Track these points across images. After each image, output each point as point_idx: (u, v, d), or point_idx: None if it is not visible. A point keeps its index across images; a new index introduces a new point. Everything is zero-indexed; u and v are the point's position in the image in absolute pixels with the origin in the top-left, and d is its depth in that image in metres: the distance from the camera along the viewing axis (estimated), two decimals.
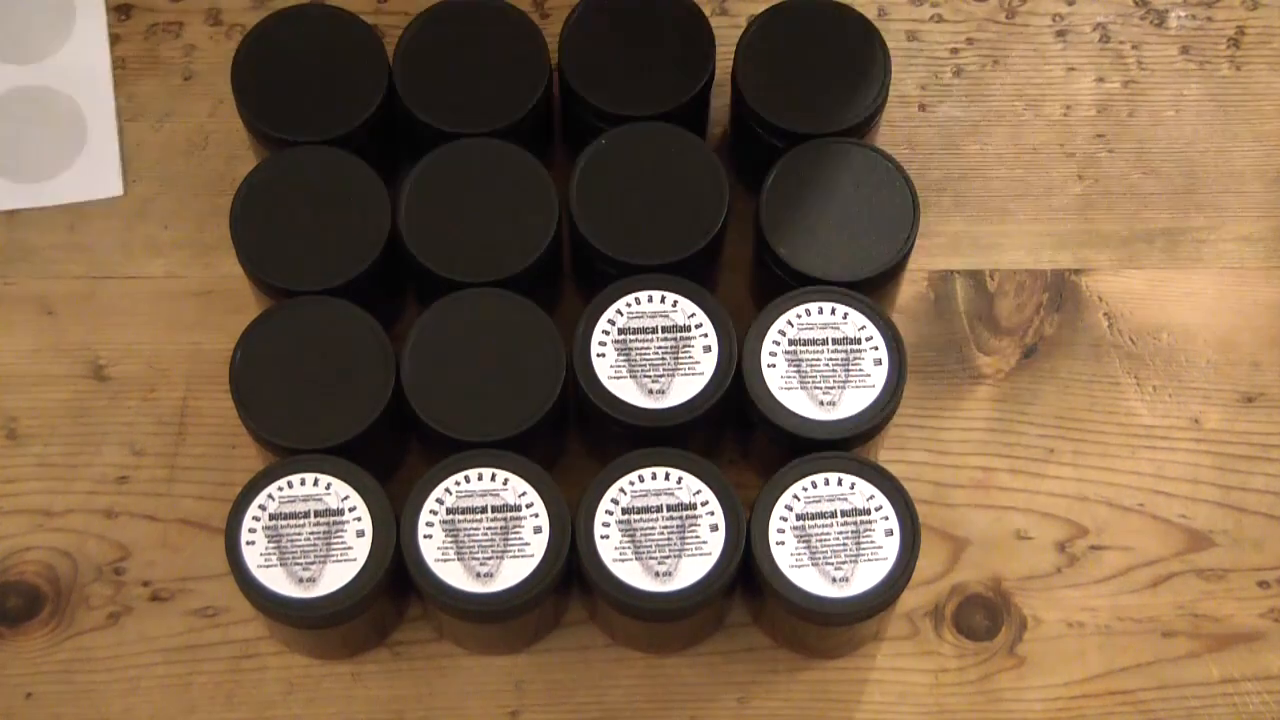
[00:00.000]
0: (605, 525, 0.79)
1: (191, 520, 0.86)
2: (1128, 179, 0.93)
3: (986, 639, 0.85)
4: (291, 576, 0.78)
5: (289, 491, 0.79)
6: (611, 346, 0.81)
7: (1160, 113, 0.94)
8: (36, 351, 0.88)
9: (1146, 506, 0.87)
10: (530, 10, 0.93)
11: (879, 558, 0.79)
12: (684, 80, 0.85)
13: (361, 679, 0.84)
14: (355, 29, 0.86)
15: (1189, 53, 0.95)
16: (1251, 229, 0.92)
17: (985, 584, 0.86)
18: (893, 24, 0.95)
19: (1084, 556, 0.86)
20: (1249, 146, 0.94)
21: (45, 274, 0.90)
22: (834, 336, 0.82)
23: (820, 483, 0.80)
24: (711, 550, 0.79)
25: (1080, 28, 0.95)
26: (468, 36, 0.86)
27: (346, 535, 0.78)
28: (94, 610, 0.85)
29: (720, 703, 0.84)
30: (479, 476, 0.79)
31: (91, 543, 0.86)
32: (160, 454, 0.87)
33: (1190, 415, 0.89)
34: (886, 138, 0.92)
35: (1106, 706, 0.84)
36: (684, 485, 0.79)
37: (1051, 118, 0.94)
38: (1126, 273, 0.91)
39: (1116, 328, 0.90)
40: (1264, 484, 0.88)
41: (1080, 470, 0.88)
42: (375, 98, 0.85)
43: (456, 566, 0.78)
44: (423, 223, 0.83)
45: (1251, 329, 0.90)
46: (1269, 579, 0.87)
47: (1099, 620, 0.86)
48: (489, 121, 0.85)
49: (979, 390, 0.89)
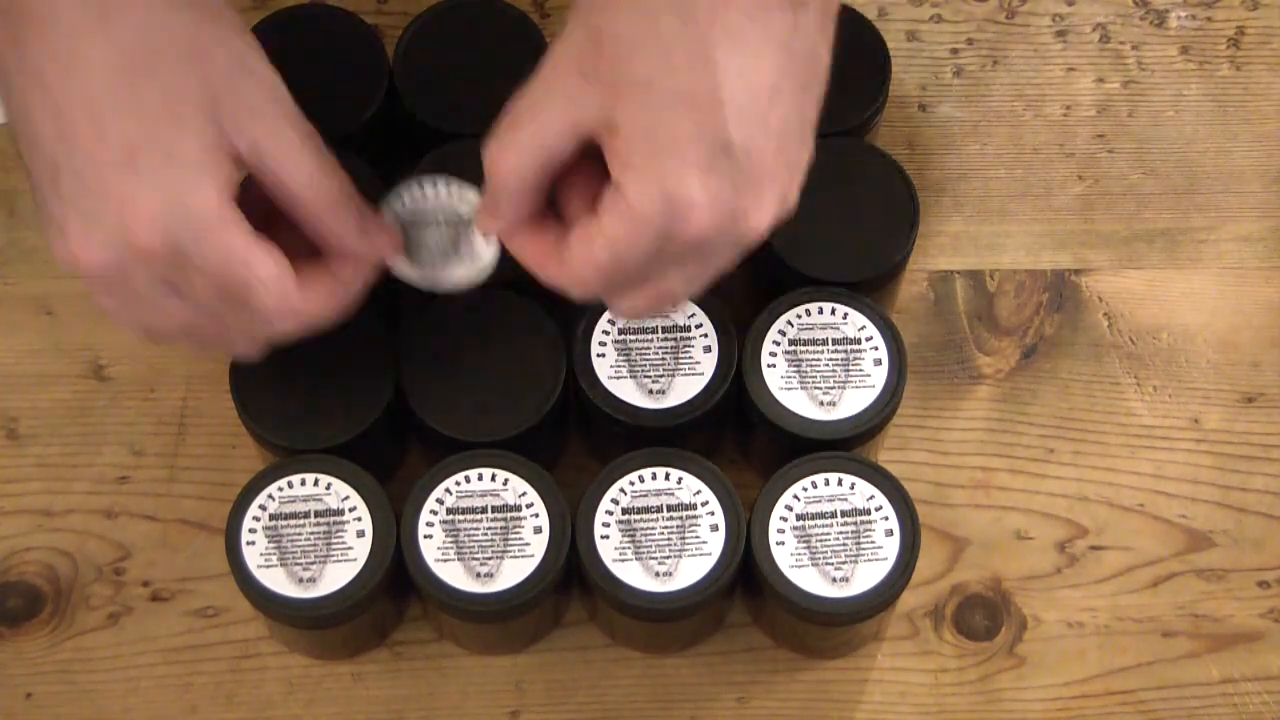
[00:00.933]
0: (605, 525, 0.79)
1: (191, 520, 0.86)
2: (1128, 179, 0.93)
3: (986, 639, 0.85)
4: (292, 576, 0.78)
5: (289, 491, 0.79)
6: (611, 346, 0.81)
7: (1160, 113, 0.94)
8: (36, 351, 0.88)
9: (1146, 506, 0.87)
10: (530, 10, 0.93)
11: (879, 558, 0.79)
12: None
13: (361, 679, 0.84)
14: (355, 29, 0.86)
15: (1189, 53, 0.95)
16: (1251, 229, 0.92)
17: (985, 584, 0.86)
18: (893, 24, 0.95)
19: (1084, 556, 0.86)
20: (1249, 146, 0.94)
21: (45, 274, 0.90)
22: (834, 336, 0.82)
23: (820, 483, 0.80)
24: (711, 550, 0.79)
25: (1080, 28, 0.95)
26: (468, 36, 0.86)
27: (346, 535, 0.78)
28: (94, 610, 0.85)
29: (720, 703, 0.84)
30: (479, 476, 0.79)
31: (91, 543, 0.86)
32: (160, 454, 0.87)
33: (1190, 415, 0.89)
34: (886, 138, 0.92)
35: (1106, 706, 0.84)
36: (684, 485, 0.79)
37: (1051, 118, 0.94)
38: (1126, 273, 0.91)
39: (1116, 328, 0.90)
40: (1264, 484, 0.88)
41: (1080, 470, 0.88)
42: (375, 98, 0.85)
43: (456, 566, 0.78)
44: None
45: (1251, 329, 0.90)
46: (1269, 579, 0.87)
47: (1099, 620, 0.86)
48: (489, 121, 0.84)
49: (979, 390, 0.89)
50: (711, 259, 0.70)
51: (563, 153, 0.69)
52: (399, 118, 0.86)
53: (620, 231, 0.68)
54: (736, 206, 0.68)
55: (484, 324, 0.81)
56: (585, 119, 0.68)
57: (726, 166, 0.67)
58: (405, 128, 0.86)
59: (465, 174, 0.83)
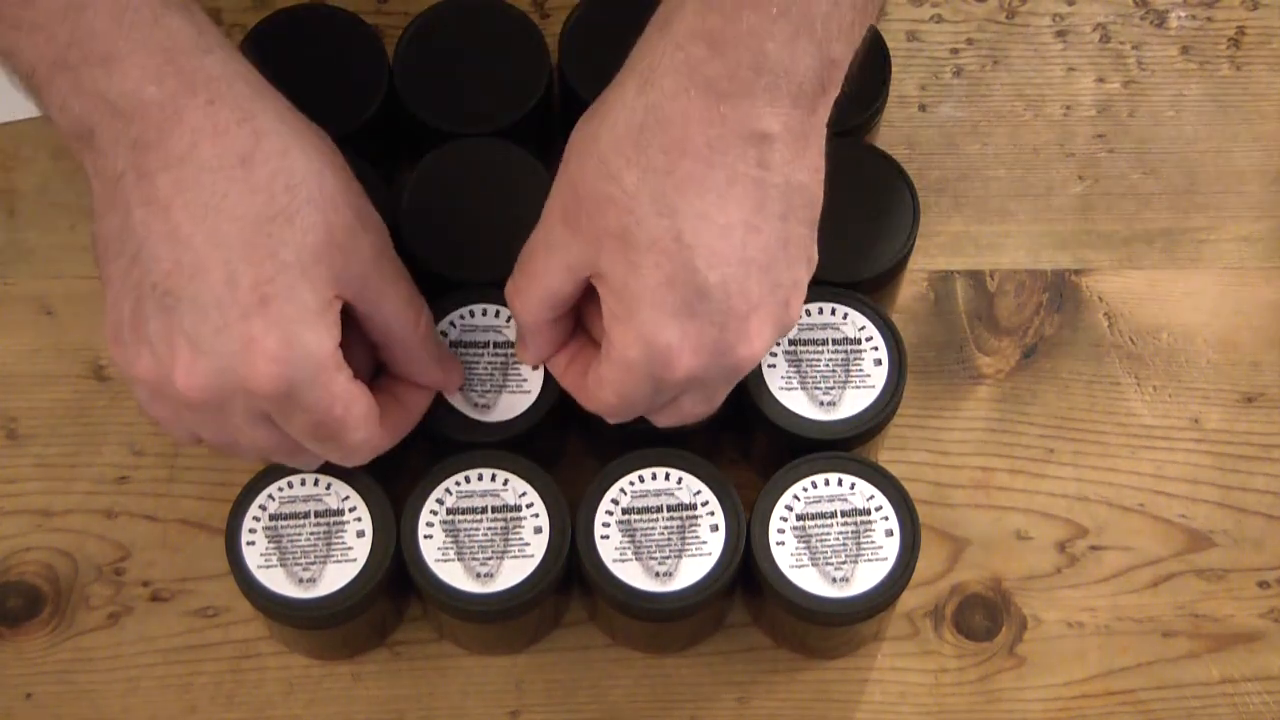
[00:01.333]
0: (605, 525, 0.79)
1: (191, 520, 0.86)
2: (1128, 179, 0.93)
3: (986, 639, 0.85)
4: (292, 577, 0.78)
5: (289, 492, 0.79)
6: None
7: (1160, 113, 0.94)
8: (36, 351, 0.88)
9: (1146, 506, 0.87)
10: (530, 10, 0.93)
11: (879, 558, 0.79)
12: None
13: (361, 679, 0.84)
14: (355, 29, 0.86)
15: (1189, 53, 0.95)
16: (1251, 229, 0.92)
17: (985, 584, 0.86)
18: (893, 24, 0.95)
19: (1084, 556, 0.86)
20: (1249, 146, 0.94)
21: (45, 274, 0.90)
22: (834, 336, 0.82)
23: (820, 483, 0.80)
24: (711, 550, 0.79)
25: (1080, 28, 0.95)
26: (468, 36, 0.86)
27: (346, 535, 0.78)
28: (94, 610, 0.85)
29: (720, 703, 0.84)
30: (479, 477, 0.79)
31: (91, 543, 0.86)
32: (160, 454, 0.87)
33: (1190, 415, 0.89)
34: (886, 138, 0.92)
35: (1106, 706, 0.84)
36: (684, 485, 0.79)
37: (1051, 118, 0.94)
38: (1126, 273, 0.91)
39: (1116, 328, 0.90)
40: (1264, 484, 0.88)
41: (1080, 470, 0.88)
42: (375, 98, 0.85)
43: (456, 566, 0.78)
44: (423, 223, 0.82)
45: (1251, 329, 0.90)
46: (1269, 579, 0.87)
47: (1099, 620, 0.86)
48: (489, 121, 0.85)
49: (979, 390, 0.89)
50: (712, 388, 0.74)
51: (567, 293, 0.73)
52: (399, 118, 0.86)
53: (615, 376, 0.73)
54: (721, 343, 0.71)
55: (484, 324, 0.81)
56: (578, 265, 0.72)
57: (705, 308, 0.70)
58: (405, 128, 0.86)
59: (465, 174, 0.83)
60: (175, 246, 0.69)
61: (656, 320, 0.70)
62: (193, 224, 0.69)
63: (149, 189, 0.69)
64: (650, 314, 0.70)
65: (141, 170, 0.69)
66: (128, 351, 0.71)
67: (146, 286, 0.70)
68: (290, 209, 0.70)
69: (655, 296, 0.70)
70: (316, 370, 0.70)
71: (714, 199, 0.69)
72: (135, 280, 0.70)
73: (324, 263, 0.70)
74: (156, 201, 0.69)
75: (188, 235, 0.69)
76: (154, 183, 0.69)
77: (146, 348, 0.71)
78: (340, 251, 0.71)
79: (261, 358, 0.69)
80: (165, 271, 0.69)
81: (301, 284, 0.70)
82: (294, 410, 0.71)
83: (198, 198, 0.68)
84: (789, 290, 0.72)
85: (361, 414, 0.73)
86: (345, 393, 0.72)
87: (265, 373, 0.69)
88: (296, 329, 0.70)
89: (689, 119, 0.68)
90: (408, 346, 0.76)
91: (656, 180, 0.69)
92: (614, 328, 0.71)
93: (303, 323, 0.70)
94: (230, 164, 0.69)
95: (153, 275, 0.69)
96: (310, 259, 0.70)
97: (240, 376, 0.69)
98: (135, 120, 0.68)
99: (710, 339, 0.71)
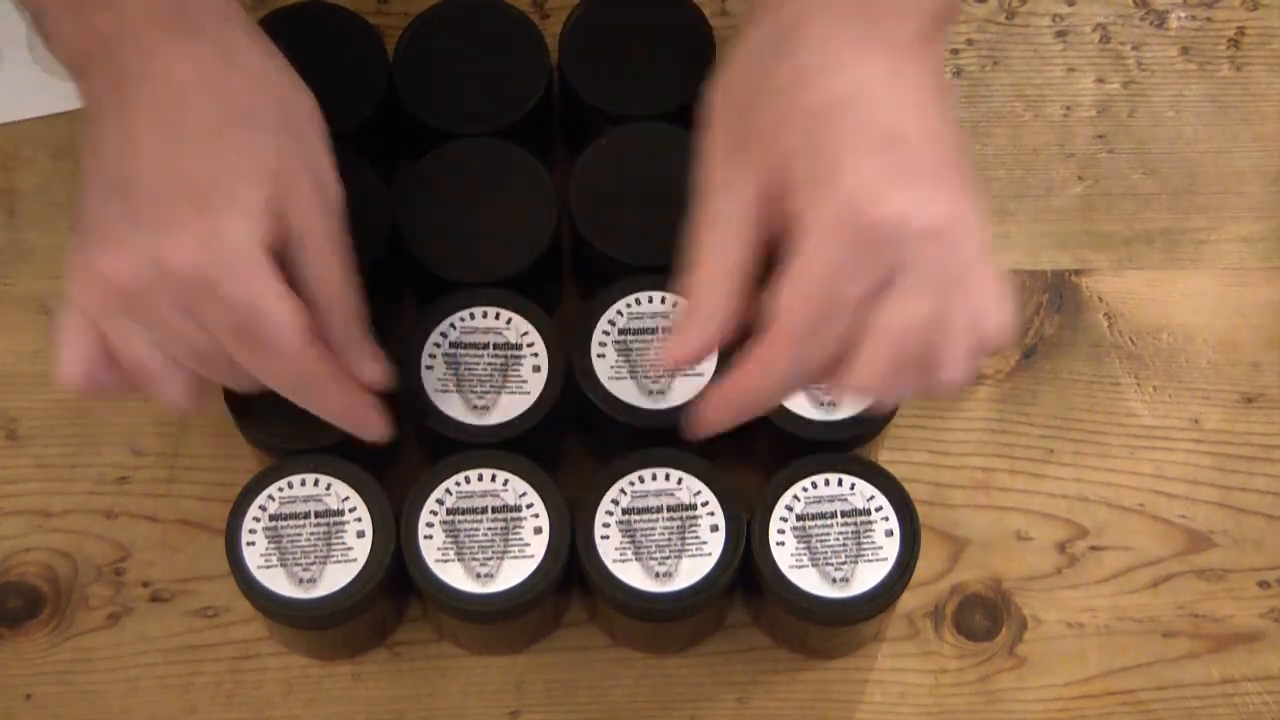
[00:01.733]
0: (605, 526, 0.79)
1: (191, 520, 0.86)
2: (1128, 179, 0.93)
3: (986, 639, 0.85)
4: (292, 577, 0.78)
5: (289, 492, 0.79)
6: (611, 347, 0.81)
7: (1160, 113, 0.94)
8: (36, 351, 0.88)
9: (1146, 507, 0.87)
10: (530, 10, 0.93)
11: (879, 558, 0.79)
12: (684, 80, 0.85)
13: (361, 679, 0.84)
14: (355, 28, 0.86)
15: (1189, 53, 0.95)
16: (1251, 229, 0.92)
17: (985, 584, 0.86)
18: None
19: (1084, 557, 0.86)
20: (1249, 146, 0.94)
21: (45, 274, 0.90)
22: None
23: (820, 483, 0.80)
24: (711, 550, 0.79)
25: (1080, 28, 0.95)
26: (468, 36, 0.86)
27: (346, 535, 0.78)
28: (94, 611, 0.85)
29: (720, 703, 0.84)
30: (479, 477, 0.79)
31: (91, 543, 0.86)
32: (160, 454, 0.87)
33: (1190, 416, 0.89)
34: None
35: (1106, 706, 0.84)
36: (684, 486, 0.79)
37: (1051, 118, 0.94)
38: (1126, 273, 0.91)
39: (1116, 328, 0.90)
40: (1264, 484, 0.88)
41: (1080, 471, 0.88)
42: (375, 98, 0.85)
43: (456, 567, 0.78)
44: (422, 223, 0.82)
45: (1251, 329, 0.90)
46: (1269, 579, 0.87)
47: (1099, 620, 0.86)
48: (489, 121, 0.85)
49: (979, 391, 0.89)
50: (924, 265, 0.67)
51: (755, 240, 0.68)
52: (399, 117, 0.86)
53: (817, 251, 0.66)
54: (919, 192, 0.66)
55: (484, 325, 0.81)
56: (764, 184, 0.68)
57: (899, 151, 0.67)
58: (405, 128, 0.86)
59: (465, 174, 0.83)
60: (129, 143, 0.70)
61: (852, 163, 0.66)
62: (150, 128, 0.70)
63: (120, 105, 0.71)
64: (848, 160, 0.66)
65: (120, 91, 0.71)
66: (72, 243, 0.72)
67: (100, 181, 0.71)
68: (248, 125, 0.71)
69: (848, 143, 0.66)
70: (237, 259, 0.69)
71: (880, 72, 0.68)
72: (90, 176, 0.71)
73: (269, 180, 0.71)
74: (125, 115, 0.70)
75: (141, 135, 0.70)
76: (125, 99, 0.70)
77: (84, 237, 0.71)
78: (288, 175, 0.71)
79: (182, 239, 0.69)
80: (114, 165, 0.70)
81: (242, 186, 0.70)
82: (213, 302, 0.70)
83: (160, 108, 0.70)
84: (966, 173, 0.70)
85: (286, 320, 0.70)
86: (268, 290, 0.70)
87: (183, 256, 0.69)
88: (223, 219, 0.69)
89: (830, 33, 0.68)
90: (327, 306, 0.74)
91: (811, 73, 0.68)
92: (809, 204, 0.66)
93: (232, 216, 0.70)
94: (200, 89, 0.71)
95: (104, 170, 0.71)
96: (256, 168, 0.70)
97: (159, 258, 0.69)
98: (122, 51, 0.71)
99: (908, 179, 0.67)
